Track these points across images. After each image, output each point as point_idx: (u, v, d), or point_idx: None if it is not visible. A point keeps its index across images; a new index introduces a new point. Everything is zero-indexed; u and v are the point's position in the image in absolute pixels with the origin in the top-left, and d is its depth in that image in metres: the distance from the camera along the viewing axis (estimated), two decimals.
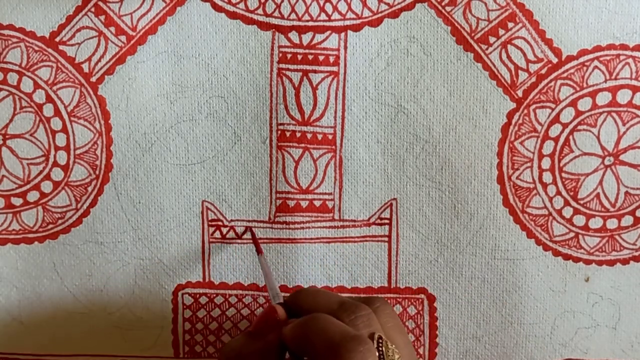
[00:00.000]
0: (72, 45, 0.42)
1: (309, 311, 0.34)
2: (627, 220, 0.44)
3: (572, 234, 0.44)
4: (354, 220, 0.44)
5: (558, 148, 0.43)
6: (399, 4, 0.42)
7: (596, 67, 0.42)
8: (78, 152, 0.43)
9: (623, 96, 0.43)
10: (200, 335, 0.46)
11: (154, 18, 0.42)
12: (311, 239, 0.44)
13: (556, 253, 0.45)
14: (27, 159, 0.44)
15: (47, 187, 0.44)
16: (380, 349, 0.32)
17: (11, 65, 0.42)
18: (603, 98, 0.43)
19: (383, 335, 0.33)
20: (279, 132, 0.43)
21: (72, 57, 0.42)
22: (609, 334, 0.46)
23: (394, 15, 0.42)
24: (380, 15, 0.42)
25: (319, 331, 0.32)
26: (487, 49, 0.42)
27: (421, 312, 0.45)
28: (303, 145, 0.43)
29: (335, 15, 0.42)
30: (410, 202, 0.44)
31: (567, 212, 0.44)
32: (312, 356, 0.32)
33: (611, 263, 0.45)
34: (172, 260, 0.45)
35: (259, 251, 0.43)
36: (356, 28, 0.42)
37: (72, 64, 0.43)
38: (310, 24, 0.42)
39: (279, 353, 0.34)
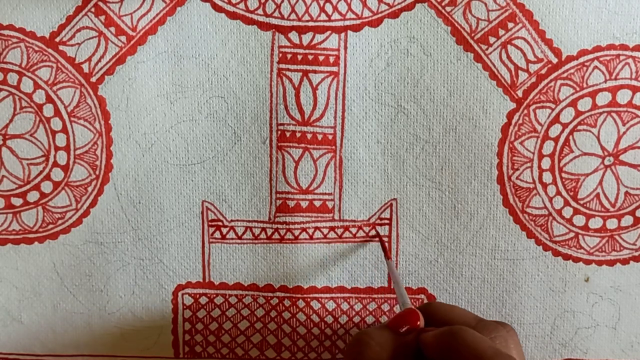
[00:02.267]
0: (72, 45, 0.42)
1: (444, 323, 0.35)
2: (627, 220, 0.44)
3: (572, 234, 0.44)
4: (354, 221, 0.44)
5: (558, 148, 0.43)
6: (399, 4, 0.42)
7: (596, 67, 0.42)
8: (78, 152, 0.43)
9: (623, 96, 0.43)
10: (200, 335, 0.46)
11: (154, 18, 0.42)
12: (311, 239, 0.44)
13: (556, 253, 0.45)
14: (27, 159, 0.44)
15: (47, 187, 0.44)
16: None
17: (11, 65, 0.42)
18: (603, 98, 0.43)
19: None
20: (279, 132, 0.43)
21: (72, 57, 0.42)
22: (609, 334, 0.46)
23: (394, 15, 0.42)
24: (380, 15, 0.42)
25: (469, 344, 0.33)
26: (487, 49, 0.42)
27: None
28: (303, 145, 0.43)
29: (335, 16, 0.42)
30: (410, 202, 0.44)
31: (567, 212, 0.44)
32: None
33: (611, 263, 0.45)
34: (172, 261, 0.45)
35: (387, 257, 0.43)
36: (356, 28, 0.42)
37: (72, 64, 0.43)
38: (311, 24, 0.42)
39: (412, 356, 0.35)
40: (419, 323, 0.36)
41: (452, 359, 0.33)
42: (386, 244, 0.44)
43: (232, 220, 0.44)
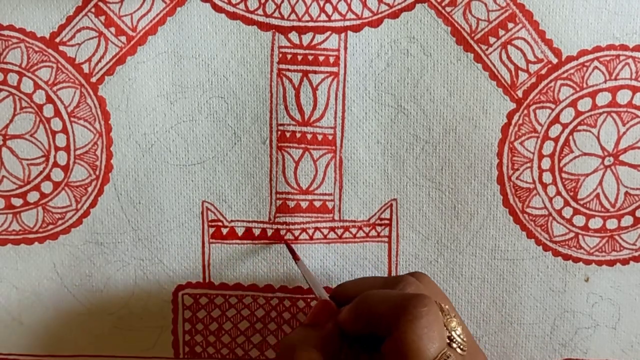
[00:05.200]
0: (72, 45, 0.42)
1: (356, 296, 0.35)
2: (627, 220, 0.44)
3: (572, 234, 0.45)
4: (354, 221, 0.44)
5: (558, 148, 0.43)
6: (399, 4, 0.42)
7: (596, 67, 0.42)
8: (78, 152, 0.43)
9: (623, 96, 0.43)
10: (200, 335, 0.46)
11: (154, 19, 0.42)
12: (311, 239, 0.44)
13: (556, 253, 0.45)
14: (27, 160, 0.44)
15: (47, 187, 0.44)
16: None
17: (11, 65, 0.42)
18: (603, 98, 0.43)
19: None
20: (279, 132, 0.43)
21: (72, 58, 0.42)
22: (609, 334, 0.46)
23: (394, 15, 0.42)
24: (380, 15, 0.42)
25: (379, 302, 0.33)
26: (487, 49, 0.42)
27: None
28: (303, 145, 0.43)
29: (335, 16, 0.42)
30: (410, 203, 0.44)
31: (567, 212, 0.44)
32: (376, 327, 0.33)
33: (611, 263, 0.45)
34: (172, 261, 0.45)
35: (296, 258, 0.43)
36: (356, 28, 0.42)
37: (72, 65, 0.43)
38: (311, 24, 0.42)
39: (339, 341, 0.35)
40: (332, 307, 0.36)
41: (369, 322, 0.33)
42: (292, 246, 0.44)
43: (232, 221, 0.44)
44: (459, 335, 0.33)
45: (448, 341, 0.32)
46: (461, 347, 0.33)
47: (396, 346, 0.31)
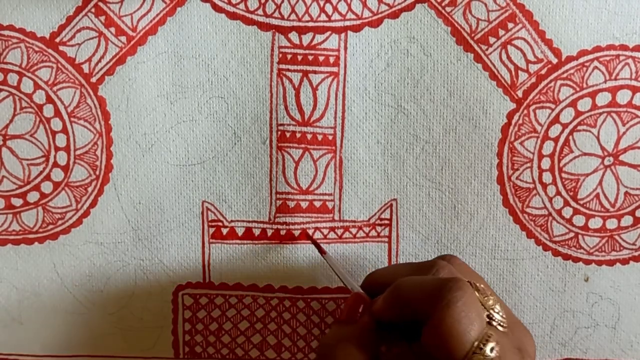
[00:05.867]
0: (72, 45, 0.42)
1: (388, 286, 0.35)
2: (627, 220, 0.44)
3: (571, 234, 0.45)
4: (354, 221, 0.44)
5: (558, 148, 0.43)
6: (399, 4, 0.42)
7: (596, 67, 0.42)
8: (78, 152, 0.43)
9: (623, 96, 0.43)
10: (200, 335, 0.46)
11: (154, 19, 0.42)
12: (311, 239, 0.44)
13: (556, 253, 0.45)
14: (27, 160, 0.44)
15: (47, 187, 0.44)
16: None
17: (11, 65, 0.42)
18: (603, 98, 0.43)
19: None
20: (279, 132, 0.43)
21: (72, 58, 0.42)
22: (609, 334, 0.46)
23: (394, 15, 0.42)
24: (380, 15, 0.42)
25: (413, 288, 0.33)
26: (487, 49, 0.42)
27: None
28: (303, 145, 0.43)
29: (335, 16, 0.42)
30: (410, 203, 0.44)
31: (567, 212, 0.44)
32: (413, 314, 0.32)
33: (611, 263, 0.45)
34: (172, 261, 0.45)
35: (322, 252, 0.43)
36: (356, 29, 0.42)
37: (72, 65, 0.43)
38: (311, 24, 0.42)
39: (376, 333, 0.35)
40: (366, 300, 0.36)
41: (405, 310, 0.33)
42: (319, 243, 0.44)
43: (232, 221, 0.44)
44: (497, 313, 0.32)
45: (488, 320, 0.32)
46: (501, 324, 0.32)
47: (436, 333, 0.30)
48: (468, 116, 0.43)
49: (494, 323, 0.32)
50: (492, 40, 0.42)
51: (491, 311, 0.32)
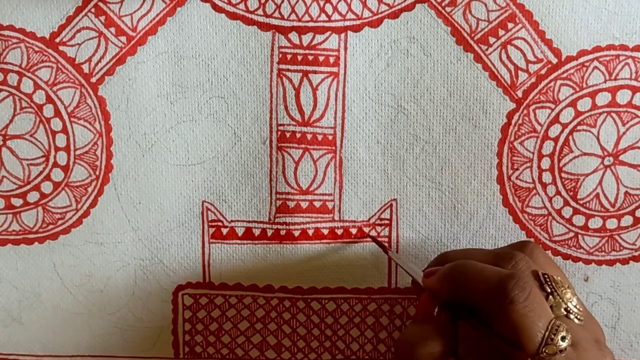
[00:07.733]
0: (72, 45, 0.42)
1: None
2: (627, 220, 0.44)
3: (571, 234, 0.45)
4: (354, 221, 0.44)
5: (558, 148, 0.43)
6: (399, 4, 0.42)
7: (596, 67, 0.42)
8: (78, 152, 0.43)
9: (623, 96, 0.43)
10: (200, 336, 0.46)
11: (154, 19, 0.42)
12: (311, 239, 0.44)
13: (555, 253, 0.45)
14: (27, 160, 0.44)
15: (47, 187, 0.44)
16: (550, 284, 0.34)
17: (11, 65, 0.42)
18: (603, 98, 0.43)
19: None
20: (279, 132, 0.43)
21: (72, 58, 0.42)
22: (609, 334, 0.46)
23: (394, 15, 0.42)
24: (380, 15, 0.42)
25: (473, 278, 0.34)
26: (487, 49, 0.42)
27: None
28: (303, 146, 0.43)
29: (335, 16, 0.42)
30: (410, 203, 0.44)
31: (567, 212, 0.44)
32: (468, 301, 0.34)
33: (611, 263, 0.45)
34: (172, 261, 0.45)
35: (385, 250, 0.44)
36: (356, 29, 0.42)
37: (72, 65, 0.43)
38: (311, 24, 0.42)
39: (454, 327, 0.35)
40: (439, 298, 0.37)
41: (459, 294, 0.34)
42: (383, 242, 0.44)
43: (232, 221, 0.44)
44: (575, 306, 0.34)
45: (565, 313, 0.33)
46: (578, 317, 0.33)
47: (506, 325, 0.32)
48: (468, 116, 0.43)
49: (571, 316, 0.33)
50: (492, 40, 0.42)
51: (569, 304, 0.33)
